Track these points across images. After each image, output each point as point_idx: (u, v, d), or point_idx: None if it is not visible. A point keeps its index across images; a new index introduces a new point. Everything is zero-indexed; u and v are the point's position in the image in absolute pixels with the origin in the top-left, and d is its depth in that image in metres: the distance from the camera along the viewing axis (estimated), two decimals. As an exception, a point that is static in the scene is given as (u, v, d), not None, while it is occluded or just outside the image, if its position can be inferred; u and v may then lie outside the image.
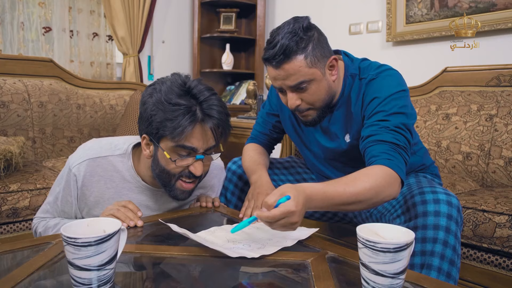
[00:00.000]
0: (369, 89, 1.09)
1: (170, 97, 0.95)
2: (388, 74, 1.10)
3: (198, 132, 0.97)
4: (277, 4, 3.40)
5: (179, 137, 0.95)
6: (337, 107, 1.17)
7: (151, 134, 0.99)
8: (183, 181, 1.03)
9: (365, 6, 2.75)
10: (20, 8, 2.65)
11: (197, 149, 0.99)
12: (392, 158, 0.94)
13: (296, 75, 1.05)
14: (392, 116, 1.02)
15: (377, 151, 0.96)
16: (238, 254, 0.82)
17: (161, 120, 0.95)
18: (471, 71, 1.98)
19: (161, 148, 0.99)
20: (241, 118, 2.73)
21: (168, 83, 0.98)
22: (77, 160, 1.09)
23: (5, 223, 1.58)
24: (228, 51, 3.39)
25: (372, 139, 0.99)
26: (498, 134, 1.76)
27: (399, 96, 1.05)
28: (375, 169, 0.93)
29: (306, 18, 1.07)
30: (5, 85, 2.08)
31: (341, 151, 1.20)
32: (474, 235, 1.34)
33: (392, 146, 0.97)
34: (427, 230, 0.94)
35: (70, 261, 0.65)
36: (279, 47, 1.02)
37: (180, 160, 0.99)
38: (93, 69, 2.99)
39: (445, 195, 0.96)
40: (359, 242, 0.66)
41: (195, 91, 0.97)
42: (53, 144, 2.19)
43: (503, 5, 2.07)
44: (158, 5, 3.21)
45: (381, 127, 1.00)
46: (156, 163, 1.03)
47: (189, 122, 0.94)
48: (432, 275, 0.92)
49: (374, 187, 0.89)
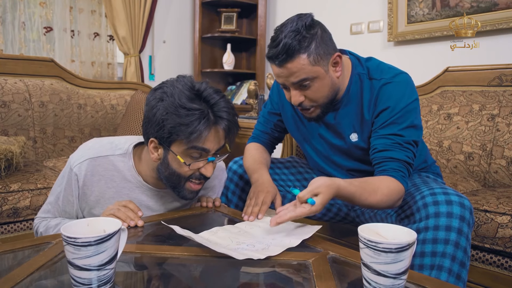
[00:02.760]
0: (383, 95, 1.11)
1: (183, 101, 0.95)
2: (402, 80, 1.12)
3: (212, 135, 0.99)
4: (278, 4, 3.40)
5: (196, 141, 0.97)
6: (342, 104, 1.17)
7: (162, 139, 0.99)
8: (192, 182, 1.05)
9: (367, 6, 2.74)
10: (21, 8, 2.65)
11: (209, 151, 1.01)
12: (403, 175, 1.04)
13: (299, 73, 1.06)
14: (405, 131, 1.07)
15: (391, 167, 1.05)
16: (244, 256, 0.81)
17: (174, 124, 0.95)
18: (473, 70, 1.98)
19: (173, 152, 1.00)
20: (242, 118, 2.73)
21: (179, 86, 0.98)
22: (78, 160, 1.09)
23: (5, 223, 1.58)
24: (229, 51, 3.39)
25: (386, 156, 1.06)
26: (500, 134, 1.76)
27: (413, 107, 1.09)
28: (393, 183, 1.02)
29: (310, 15, 1.07)
30: (6, 85, 2.08)
31: (345, 149, 1.21)
32: (476, 235, 1.33)
33: (403, 164, 1.05)
34: (438, 231, 0.94)
35: (70, 261, 0.64)
36: (282, 46, 1.03)
37: (194, 164, 1.01)
38: (94, 69, 2.99)
39: (457, 197, 0.97)
40: (361, 242, 0.66)
41: (205, 94, 0.98)
42: (54, 144, 2.19)
43: (504, 5, 2.07)
44: (159, 5, 3.21)
45: (394, 142, 1.07)
46: (165, 166, 1.03)
47: (205, 126, 0.96)
48: (442, 276, 0.92)
49: (388, 200, 1.01)
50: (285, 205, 0.96)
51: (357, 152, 1.19)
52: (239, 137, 2.49)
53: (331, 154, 1.26)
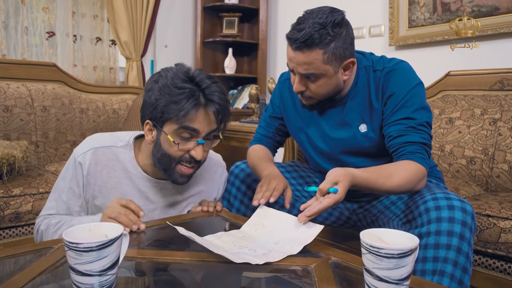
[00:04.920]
0: (389, 82, 1.13)
1: (175, 81, 1.01)
2: (405, 67, 1.16)
3: (201, 115, 1.02)
4: (279, 9, 3.41)
5: (184, 119, 1.00)
6: (349, 97, 1.20)
7: (155, 119, 1.04)
8: (183, 166, 1.08)
9: (368, 10, 2.75)
10: (24, 13, 2.66)
11: (199, 132, 1.04)
12: (422, 156, 1.05)
13: (309, 66, 1.09)
14: (416, 113, 1.09)
15: (409, 151, 1.06)
16: (242, 259, 0.81)
17: (166, 103, 1.00)
18: (474, 75, 1.98)
19: (164, 132, 1.04)
20: (244, 122, 2.73)
21: (173, 69, 1.05)
22: (82, 150, 1.12)
23: (7, 227, 1.58)
24: (231, 55, 3.40)
25: (402, 141, 1.08)
26: (502, 138, 1.75)
27: (418, 90, 1.12)
28: (411, 166, 1.03)
29: (342, 13, 1.09)
30: (8, 90, 2.08)
31: (353, 143, 1.21)
32: (479, 240, 1.33)
33: (420, 145, 1.06)
34: (440, 236, 0.93)
35: (71, 266, 0.64)
36: (303, 34, 1.05)
37: (183, 144, 1.04)
38: (96, 74, 3.00)
39: (459, 202, 0.96)
40: (363, 247, 0.66)
41: (197, 79, 1.04)
42: (56, 148, 2.19)
43: (506, 9, 2.07)
44: (161, 10, 3.22)
45: (407, 126, 1.08)
46: (158, 147, 1.07)
47: (193, 105, 1.00)
48: (444, 282, 0.91)
49: (408, 182, 1.01)
50: (308, 201, 0.96)
51: (366, 143, 1.20)
52: (240, 141, 2.50)
53: (336, 152, 1.26)
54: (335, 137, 1.24)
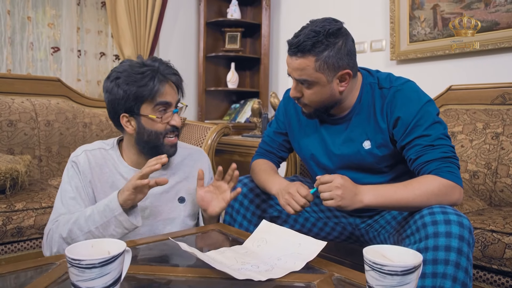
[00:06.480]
0: (397, 102, 1.13)
1: (135, 69, 1.13)
2: (413, 86, 1.18)
3: (168, 89, 1.16)
4: (281, 24, 3.45)
5: (157, 95, 1.13)
6: (354, 113, 1.21)
7: (130, 109, 1.15)
8: (168, 137, 1.20)
9: (369, 25, 2.78)
10: (30, 29, 2.70)
11: (171, 103, 1.18)
12: (449, 170, 1.03)
13: (302, 72, 1.12)
14: (430, 130, 1.08)
15: (432, 169, 1.05)
16: (245, 276, 0.81)
17: (136, 90, 1.12)
18: (476, 89, 1.98)
19: (143, 115, 1.15)
20: (246, 136, 2.73)
21: (124, 64, 1.16)
22: (75, 153, 1.24)
23: (9, 242, 1.57)
24: (233, 69, 3.43)
25: (421, 161, 1.07)
26: (505, 153, 1.75)
27: (429, 107, 1.12)
28: (428, 178, 1.03)
29: (340, 24, 1.11)
30: (13, 104, 2.10)
31: (357, 159, 1.21)
32: (484, 256, 1.32)
33: (441, 160, 1.05)
34: (438, 251, 0.92)
35: (74, 283, 0.64)
36: (298, 40, 1.09)
37: (164, 116, 1.16)
38: (99, 88, 3.03)
39: (456, 216, 0.95)
40: (366, 264, 0.65)
41: (148, 62, 1.17)
42: (59, 163, 2.20)
43: (506, 24, 2.09)
44: (164, 25, 3.26)
45: (423, 146, 1.07)
46: (142, 131, 1.17)
47: (160, 82, 1.14)
48: None
49: (425, 194, 1.00)
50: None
51: (369, 160, 1.20)
52: (243, 155, 2.50)
53: (338, 168, 1.25)
54: (339, 154, 1.24)
